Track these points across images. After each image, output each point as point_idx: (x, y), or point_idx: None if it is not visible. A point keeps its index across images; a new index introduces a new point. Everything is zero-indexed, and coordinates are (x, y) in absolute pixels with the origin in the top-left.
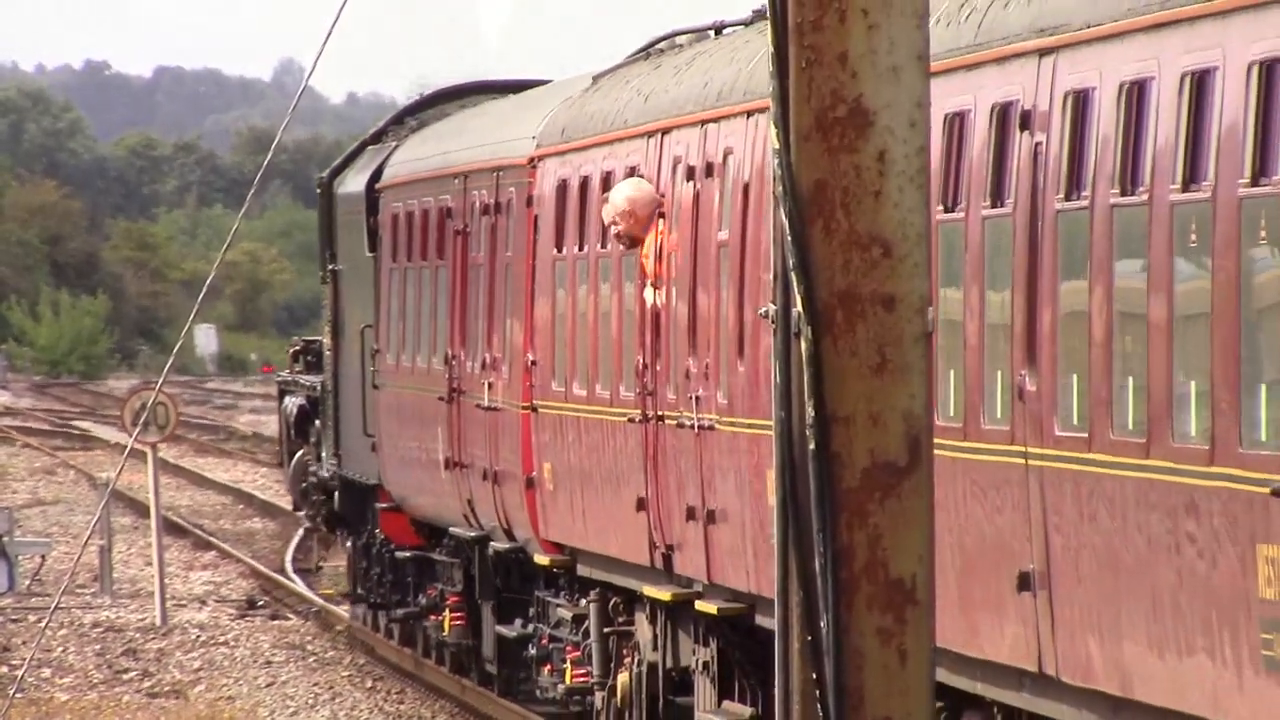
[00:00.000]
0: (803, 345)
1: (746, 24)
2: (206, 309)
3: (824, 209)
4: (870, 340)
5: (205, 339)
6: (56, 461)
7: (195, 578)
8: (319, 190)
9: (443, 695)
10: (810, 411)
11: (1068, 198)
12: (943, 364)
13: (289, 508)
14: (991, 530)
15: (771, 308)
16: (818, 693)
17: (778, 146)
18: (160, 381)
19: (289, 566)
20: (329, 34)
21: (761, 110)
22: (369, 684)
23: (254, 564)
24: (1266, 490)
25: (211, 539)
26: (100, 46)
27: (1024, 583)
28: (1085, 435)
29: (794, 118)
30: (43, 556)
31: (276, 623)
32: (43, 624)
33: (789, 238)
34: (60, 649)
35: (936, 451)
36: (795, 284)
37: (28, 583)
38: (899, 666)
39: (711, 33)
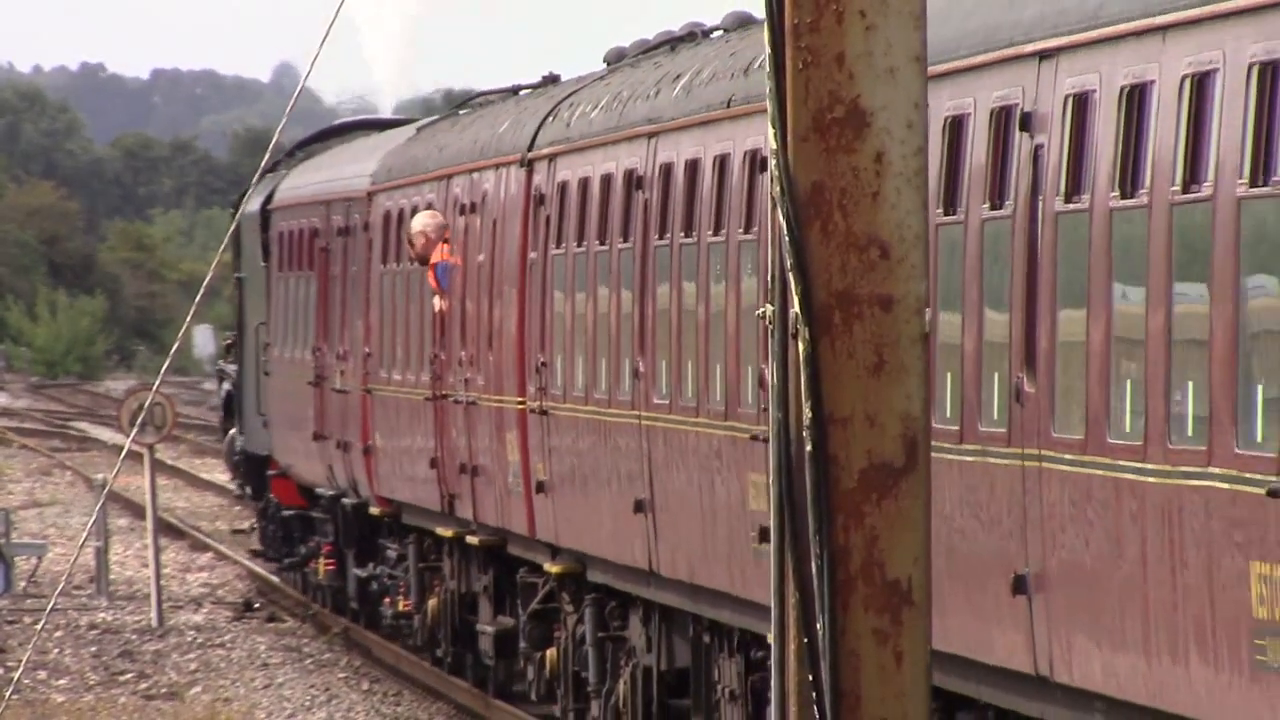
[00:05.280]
0: (800, 346)
1: (535, 87)
2: (204, 310)
3: (821, 210)
4: (868, 341)
5: (203, 340)
6: (53, 462)
7: (192, 579)
8: (232, 209)
9: (439, 697)
10: (807, 412)
11: (661, 236)
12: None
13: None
14: None
15: (769, 309)
16: (814, 694)
17: (776, 147)
18: (157, 382)
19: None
20: (325, 35)
21: (505, 164)
22: (365, 686)
23: (251, 566)
24: None
25: (208, 541)
26: (96, 48)
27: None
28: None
29: (791, 119)
30: (39, 558)
31: (273, 624)
32: (39, 625)
33: (786, 239)
34: (56, 650)
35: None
36: (793, 285)
37: (24, 584)
38: (895, 668)
39: (513, 92)
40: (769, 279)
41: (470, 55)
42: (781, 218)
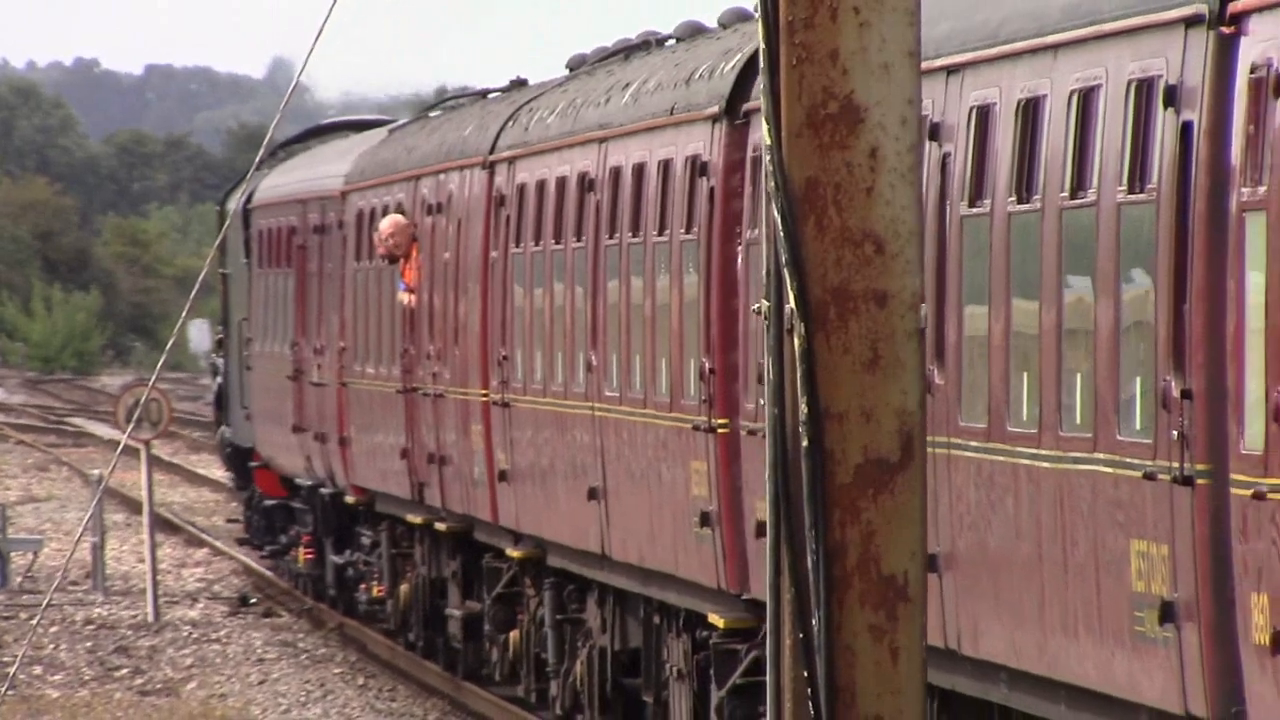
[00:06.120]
0: (795, 342)
1: (504, 91)
2: (199, 305)
3: (816, 206)
4: (863, 337)
5: (198, 335)
6: (49, 458)
7: (188, 575)
8: (218, 207)
9: (435, 693)
10: (803, 408)
11: (611, 236)
12: None
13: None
14: None
15: (765, 304)
16: (809, 690)
17: (770, 143)
18: (153, 378)
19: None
20: (320, 31)
21: (469, 166)
22: (361, 681)
23: (247, 561)
24: None
25: (204, 536)
26: (91, 44)
27: None
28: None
29: (785, 115)
30: (35, 553)
31: (269, 620)
32: (34, 621)
33: (781, 234)
34: (52, 646)
35: None
36: (788, 281)
37: (20, 579)
38: (891, 664)
39: (481, 95)
40: (765, 274)
41: (471, 53)
42: (776, 213)
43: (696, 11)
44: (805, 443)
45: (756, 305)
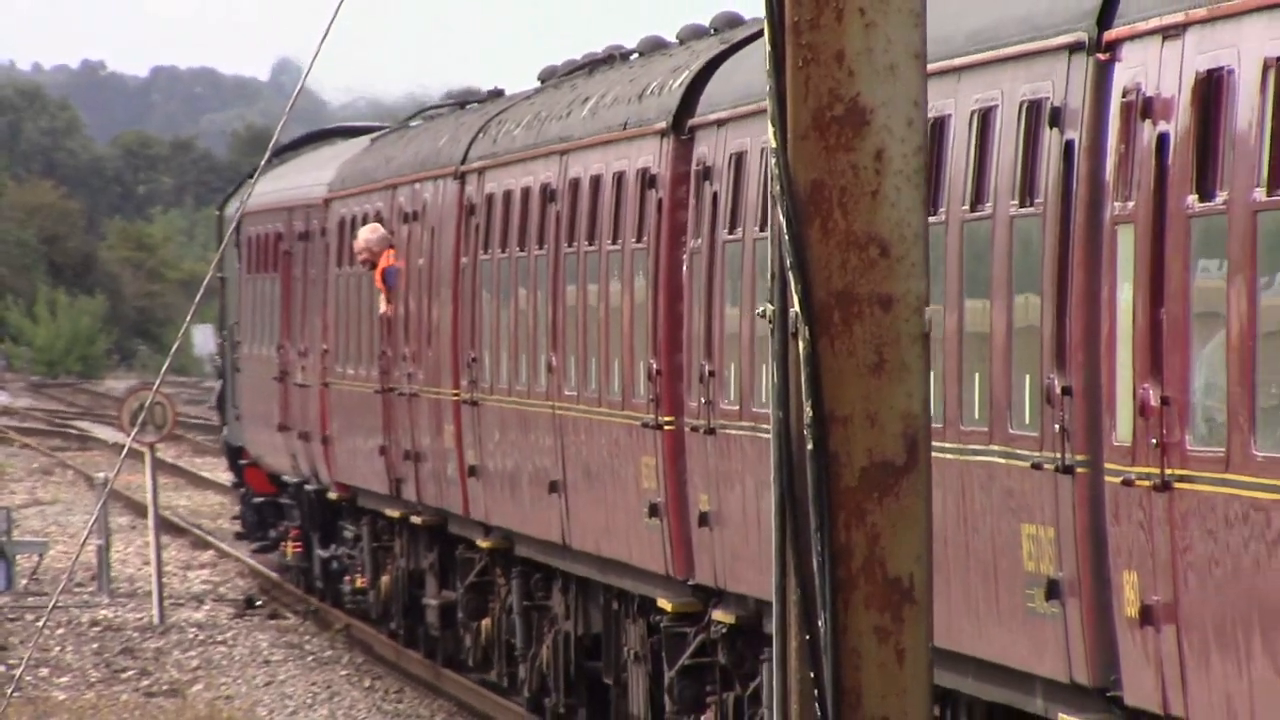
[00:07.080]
0: (800, 345)
1: (480, 101)
2: (204, 309)
3: (821, 208)
4: (868, 340)
5: (203, 339)
6: (54, 461)
7: (193, 577)
8: (218, 212)
9: (440, 694)
10: (808, 411)
11: (570, 244)
12: None
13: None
14: None
15: (769, 307)
16: (815, 692)
17: (775, 145)
18: (158, 381)
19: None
20: (325, 34)
21: (442, 176)
22: (367, 683)
23: (252, 563)
24: None
25: (209, 538)
26: (96, 46)
27: None
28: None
29: (791, 117)
30: (40, 556)
31: (274, 622)
32: (40, 623)
33: (786, 237)
34: (58, 648)
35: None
36: (792, 283)
37: (25, 582)
38: (896, 666)
39: (460, 106)
40: (769, 277)
41: (477, 54)
42: (781, 216)
43: (704, 14)
44: (810, 446)
45: (761, 308)
